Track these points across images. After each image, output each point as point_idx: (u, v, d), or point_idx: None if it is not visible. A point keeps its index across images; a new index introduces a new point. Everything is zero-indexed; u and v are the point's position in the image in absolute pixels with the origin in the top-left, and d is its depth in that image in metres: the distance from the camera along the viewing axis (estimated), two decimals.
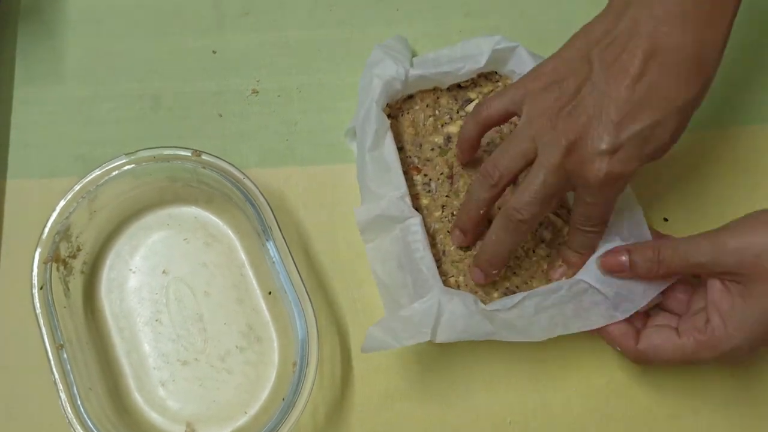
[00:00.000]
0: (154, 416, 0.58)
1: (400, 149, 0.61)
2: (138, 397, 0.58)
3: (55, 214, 0.56)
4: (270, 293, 0.60)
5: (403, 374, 0.59)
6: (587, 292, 0.54)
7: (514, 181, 0.53)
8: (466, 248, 0.59)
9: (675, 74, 0.47)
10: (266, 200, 0.57)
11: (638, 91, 0.47)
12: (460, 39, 0.67)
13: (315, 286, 0.61)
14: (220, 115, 0.66)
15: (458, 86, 0.63)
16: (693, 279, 0.55)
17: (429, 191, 0.60)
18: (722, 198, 0.63)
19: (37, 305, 0.55)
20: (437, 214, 0.60)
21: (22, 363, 0.59)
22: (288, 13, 0.68)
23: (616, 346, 0.54)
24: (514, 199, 0.51)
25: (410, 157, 0.61)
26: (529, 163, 0.51)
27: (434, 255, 0.56)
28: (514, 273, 0.58)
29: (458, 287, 0.57)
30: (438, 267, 0.56)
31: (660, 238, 0.57)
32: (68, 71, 0.67)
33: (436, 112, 0.62)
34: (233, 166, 0.58)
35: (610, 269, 0.53)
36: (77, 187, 0.57)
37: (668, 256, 0.51)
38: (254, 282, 0.60)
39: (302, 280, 0.55)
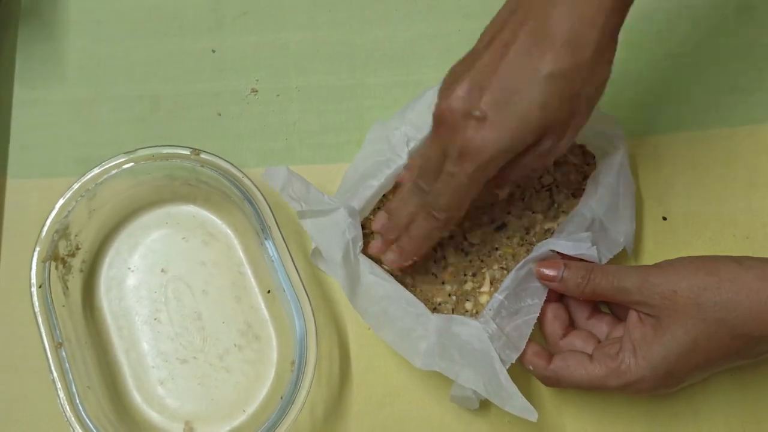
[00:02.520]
0: (152, 415, 0.58)
1: None
2: (137, 396, 0.58)
3: (54, 213, 0.56)
4: (269, 292, 0.60)
5: (401, 374, 0.59)
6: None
7: None
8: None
9: (541, 44, 0.46)
10: (265, 199, 0.57)
11: (506, 62, 0.47)
12: (460, 39, 0.68)
13: (313, 285, 0.61)
14: (219, 115, 0.66)
15: None
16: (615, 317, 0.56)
17: None
18: (721, 197, 0.63)
19: (36, 304, 0.55)
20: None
21: (20, 361, 0.59)
22: (287, 13, 0.69)
23: (527, 365, 0.54)
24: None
25: None
26: None
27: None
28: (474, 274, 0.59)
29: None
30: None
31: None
32: (68, 72, 0.67)
33: None
34: (232, 164, 0.58)
35: (543, 276, 0.54)
36: (76, 186, 0.57)
37: (598, 277, 0.52)
38: (253, 281, 0.60)
39: (301, 279, 0.55)
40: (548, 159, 0.50)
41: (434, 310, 0.58)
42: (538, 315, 0.54)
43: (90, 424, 0.53)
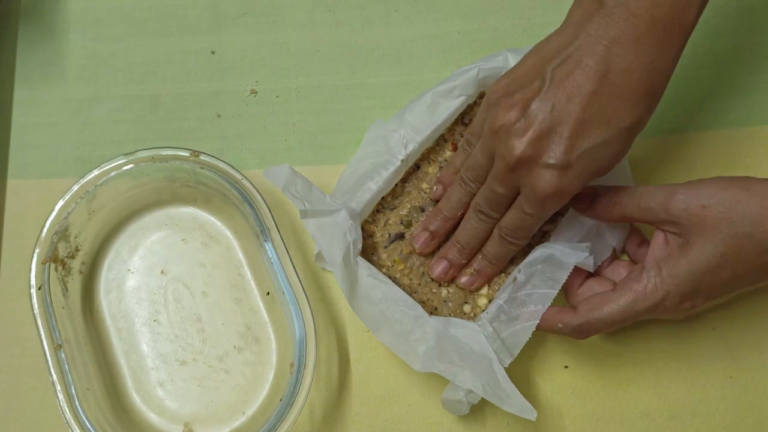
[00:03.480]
0: (152, 416, 0.58)
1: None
2: (136, 397, 0.58)
3: (53, 214, 0.57)
4: (268, 294, 0.60)
5: (400, 376, 0.59)
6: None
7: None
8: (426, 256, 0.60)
9: (625, 96, 0.48)
10: (264, 201, 0.57)
11: (589, 110, 0.48)
12: (459, 40, 0.68)
13: (313, 287, 0.61)
14: (219, 116, 0.66)
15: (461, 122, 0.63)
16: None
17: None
18: None
19: (36, 305, 0.55)
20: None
21: (20, 363, 0.59)
22: (287, 13, 0.69)
23: (556, 324, 0.54)
24: (477, 197, 0.55)
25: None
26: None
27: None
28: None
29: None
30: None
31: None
32: (68, 72, 0.67)
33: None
34: (231, 166, 0.58)
35: (576, 202, 0.55)
36: (76, 188, 0.57)
37: (624, 198, 0.53)
38: (252, 282, 0.60)
39: (300, 281, 0.55)
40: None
41: (432, 312, 0.58)
42: (538, 322, 0.54)
43: (89, 426, 0.53)
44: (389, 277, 0.57)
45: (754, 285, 0.51)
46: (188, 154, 0.58)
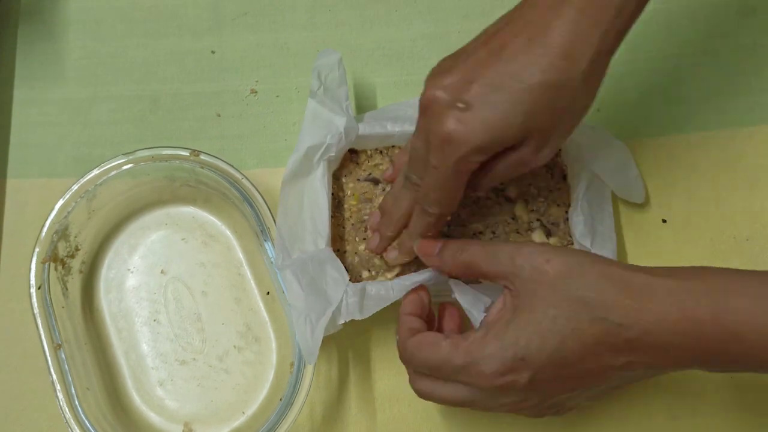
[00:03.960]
0: (152, 416, 0.58)
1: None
2: (136, 397, 0.58)
3: (53, 214, 0.57)
4: (268, 293, 0.60)
5: (400, 376, 0.59)
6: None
7: None
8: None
9: (538, 52, 0.46)
10: (264, 200, 0.57)
11: (501, 59, 0.46)
12: (459, 40, 0.67)
13: None
14: (219, 116, 0.66)
15: None
16: None
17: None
18: (721, 199, 0.63)
19: (35, 305, 0.55)
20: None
21: (19, 363, 0.59)
22: (287, 13, 0.69)
23: (397, 334, 0.52)
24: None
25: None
26: None
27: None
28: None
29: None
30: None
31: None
32: (68, 72, 0.67)
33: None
34: (231, 165, 0.58)
35: (423, 251, 0.53)
36: (75, 187, 0.57)
37: (473, 245, 0.51)
38: (252, 282, 0.60)
39: None
40: (526, 167, 0.50)
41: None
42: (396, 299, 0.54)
43: (89, 426, 0.53)
44: (335, 197, 0.59)
45: (587, 378, 0.46)
46: (188, 154, 0.58)
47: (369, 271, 0.58)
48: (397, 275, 0.58)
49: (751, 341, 0.42)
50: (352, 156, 0.61)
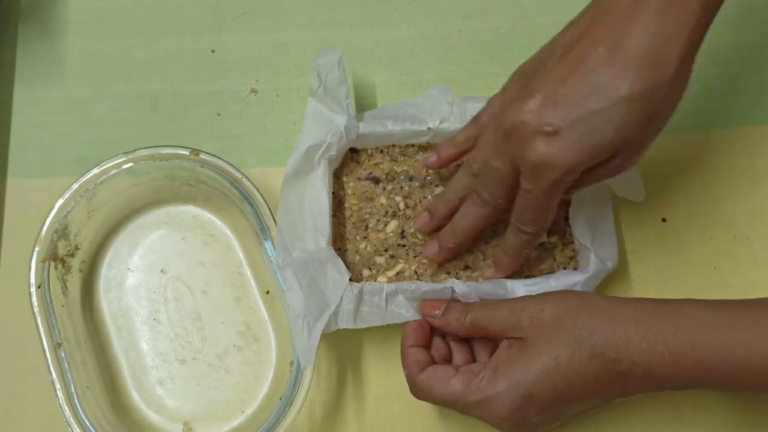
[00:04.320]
0: (151, 415, 0.58)
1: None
2: (136, 396, 0.58)
3: (53, 213, 0.57)
4: (268, 292, 0.60)
5: (399, 375, 0.59)
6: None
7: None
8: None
9: (623, 64, 0.45)
10: (264, 200, 0.57)
11: (585, 78, 0.46)
12: (460, 40, 0.68)
13: None
14: (219, 115, 0.66)
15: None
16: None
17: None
18: (721, 198, 0.63)
19: (35, 304, 0.55)
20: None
21: (19, 362, 0.59)
22: (287, 13, 0.69)
23: (404, 369, 0.54)
24: (477, 180, 0.53)
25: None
26: None
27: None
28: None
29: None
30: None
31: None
32: (68, 72, 0.67)
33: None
34: (231, 165, 0.58)
35: (425, 313, 0.55)
36: (75, 186, 0.57)
37: (475, 309, 0.53)
38: (252, 281, 0.60)
39: None
40: (617, 173, 0.50)
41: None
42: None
43: (89, 425, 0.53)
44: (336, 196, 0.60)
45: (588, 402, 0.50)
46: (188, 153, 0.58)
47: (370, 269, 0.58)
48: (397, 274, 0.58)
49: (724, 372, 0.46)
50: (352, 155, 0.61)
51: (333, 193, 0.59)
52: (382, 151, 0.61)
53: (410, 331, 0.54)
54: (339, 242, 0.59)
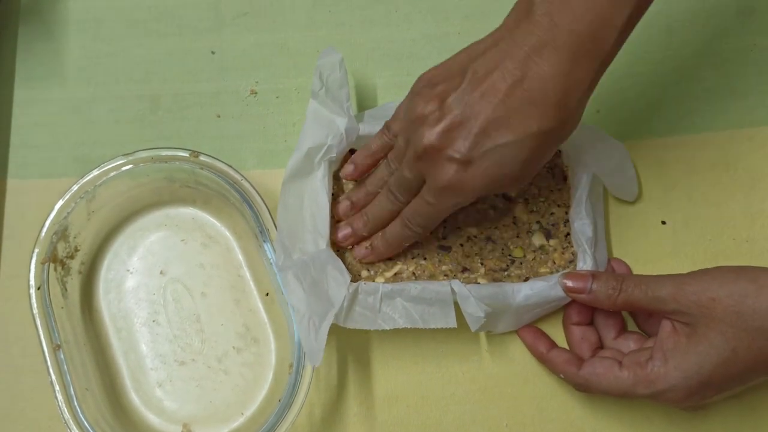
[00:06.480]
0: (150, 417, 0.58)
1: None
2: (135, 398, 0.58)
3: (53, 215, 0.56)
4: (267, 294, 0.60)
5: (399, 377, 0.59)
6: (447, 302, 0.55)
7: None
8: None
9: (536, 103, 0.48)
10: (264, 202, 0.57)
11: (499, 111, 0.48)
12: (460, 40, 0.67)
13: None
14: (219, 116, 0.66)
15: None
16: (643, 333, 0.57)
17: None
18: (720, 201, 0.63)
19: (35, 305, 0.55)
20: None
21: (19, 363, 0.59)
22: (287, 14, 0.68)
23: (559, 373, 0.55)
24: (391, 178, 0.56)
25: None
26: None
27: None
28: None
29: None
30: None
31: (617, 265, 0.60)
32: (68, 72, 0.67)
33: None
34: (231, 167, 0.58)
35: (569, 289, 0.55)
36: (75, 188, 0.57)
37: (630, 286, 0.53)
38: (251, 283, 0.60)
39: None
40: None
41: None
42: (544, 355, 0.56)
43: (88, 426, 0.53)
44: (335, 197, 0.60)
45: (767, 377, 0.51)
46: (188, 155, 0.58)
47: (368, 270, 0.58)
48: (395, 275, 0.58)
49: None
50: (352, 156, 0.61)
51: (333, 194, 0.59)
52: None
53: (574, 311, 0.57)
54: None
